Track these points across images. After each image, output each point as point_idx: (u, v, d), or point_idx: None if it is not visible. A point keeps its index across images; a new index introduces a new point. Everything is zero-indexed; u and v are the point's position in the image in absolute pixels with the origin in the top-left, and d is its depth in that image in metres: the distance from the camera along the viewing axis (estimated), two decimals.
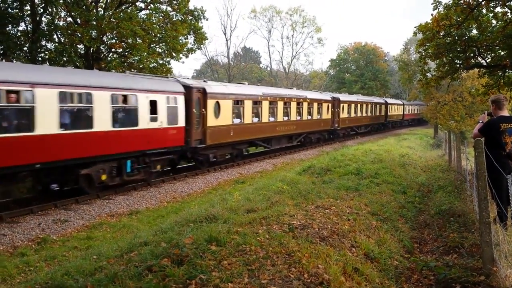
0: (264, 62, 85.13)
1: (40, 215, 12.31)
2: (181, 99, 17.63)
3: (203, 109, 19.11)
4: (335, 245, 6.23)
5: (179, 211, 11.99)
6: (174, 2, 26.57)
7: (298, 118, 29.08)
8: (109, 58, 25.98)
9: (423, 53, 18.06)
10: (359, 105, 41.74)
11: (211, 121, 19.54)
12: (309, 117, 30.94)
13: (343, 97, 39.15)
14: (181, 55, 27.67)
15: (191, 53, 29.09)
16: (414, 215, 9.75)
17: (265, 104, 24.59)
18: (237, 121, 21.97)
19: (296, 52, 70.58)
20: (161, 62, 26.85)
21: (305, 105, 30.05)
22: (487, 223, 5.33)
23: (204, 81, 21.25)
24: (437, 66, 18.97)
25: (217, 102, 20.07)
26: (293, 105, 28.17)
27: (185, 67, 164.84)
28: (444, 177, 14.11)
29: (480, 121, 7.59)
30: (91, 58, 24.27)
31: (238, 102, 22.11)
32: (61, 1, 22.14)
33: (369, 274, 5.60)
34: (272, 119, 25.51)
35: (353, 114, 40.13)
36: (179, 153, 18.49)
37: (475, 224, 7.55)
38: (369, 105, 45.31)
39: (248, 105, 22.82)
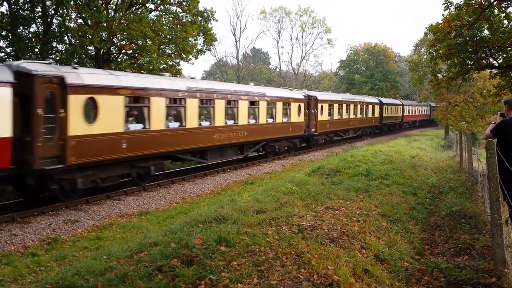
0: (273, 63, 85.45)
1: (51, 215, 12.41)
2: (4, 94, 11.49)
3: (62, 110, 12.68)
4: (344, 246, 6.21)
5: (189, 212, 12.04)
6: (184, 3, 26.66)
7: (252, 121, 22.68)
8: (119, 60, 26.10)
9: (434, 54, 17.96)
10: (344, 105, 35.86)
11: (79, 127, 13.01)
12: (271, 121, 24.50)
13: (322, 95, 32.80)
14: (190, 56, 27.71)
15: (201, 54, 29.16)
16: (424, 217, 9.69)
17: (192, 103, 18.01)
18: (136, 126, 15.55)
19: (306, 53, 70.37)
20: (170, 63, 26.92)
21: (263, 105, 23.54)
22: (498, 225, 5.28)
23: (74, 67, 13.91)
24: (448, 67, 18.86)
25: (92, 99, 13.49)
26: (243, 105, 21.62)
27: (194, 68, 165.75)
28: (455, 179, 14.01)
29: (493, 122, 7.52)
30: (102, 60, 24.41)
31: (138, 100, 15.55)
32: (72, 3, 22.30)
33: (379, 276, 5.57)
34: (206, 123, 19.15)
35: (336, 116, 34.11)
36: (9, 180, 12.47)
37: (487, 226, 7.49)
38: (359, 105, 39.56)
39: (158, 104, 16.13)
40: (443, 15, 16.37)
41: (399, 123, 55.46)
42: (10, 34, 22.13)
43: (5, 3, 22.22)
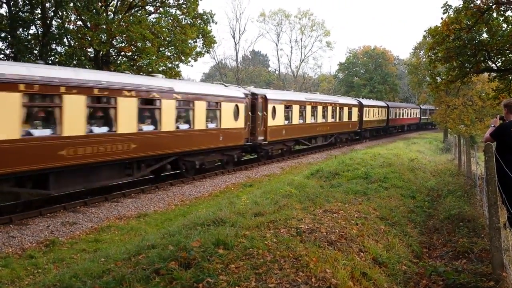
0: (272, 65, 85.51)
1: (49, 217, 12.38)
2: None
3: None
4: (343, 250, 6.19)
5: (187, 214, 12.01)
6: (184, 6, 26.74)
7: (149, 128, 15.70)
8: (118, 62, 26.17)
9: (433, 57, 18.00)
10: (309, 107, 29.38)
11: None
12: (185, 127, 17.56)
13: (274, 94, 25.56)
14: (190, 59, 27.82)
15: (200, 57, 29.26)
16: (423, 220, 9.69)
17: (5, 100, 11.08)
18: None
19: (305, 56, 70.45)
20: (170, 65, 26.98)
21: (169, 105, 16.36)
22: (497, 228, 5.28)
23: None
24: (446, 70, 18.89)
25: None
26: (127, 104, 14.46)
27: (194, 71, 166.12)
28: (454, 182, 14.02)
29: (492, 125, 7.52)
30: (101, 62, 24.45)
31: None
32: (71, 5, 22.33)
33: (377, 279, 5.56)
34: (43, 132, 12.31)
35: (296, 120, 27.47)
36: None
37: (485, 229, 7.49)
38: (330, 107, 32.99)
39: None
40: (442, 18, 16.42)
41: (384, 128, 49.14)
42: (9, 36, 22.17)
43: (4, 5, 22.26)
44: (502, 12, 16.03)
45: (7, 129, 11.16)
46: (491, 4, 15.39)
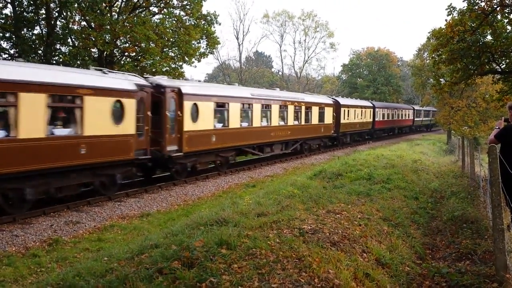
0: (276, 66, 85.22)
1: (52, 216, 12.42)
2: None
3: None
4: (346, 250, 6.19)
5: (190, 214, 12.01)
6: (188, 7, 26.77)
7: None
8: (122, 62, 26.19)
9: (437, 59, 17.97)
10: (257, 105, 22.78)
11: None
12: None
13: (193, 88, 18.64)
14: (193, 59, 27.84)
15: (204, 58, 29.28)
16: (426, 221, 9.67)
17: None
18: None
19: (308, 57, 70.40)
20: (173, 66, 27.00)
21: None
22: (500, 230, 5.27)
23: None
24: (450, 71, 18.86)
25: None
26: None
27: (197, 71, 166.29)
28: (457, 183, 13.99)
29: (497, 127, 7.51)
30: (105, 62, 24.47)
31: None
32: (75, 5, 22.37)
33: (380, 280, 5.56)
34: None
35: (237, 124, 21.00)
36: None
37: (488, 231, 7.47)
38: (291, 107, 26.33)
39: None
40: (446, 20, 16.40)
41: (369, 132, 42.60)
42: (14, 36, 22.23)
43: (9, 5, 22.34)
44: (506, 14, 16.01)
45: None
46: (495, 6, 15.37)
